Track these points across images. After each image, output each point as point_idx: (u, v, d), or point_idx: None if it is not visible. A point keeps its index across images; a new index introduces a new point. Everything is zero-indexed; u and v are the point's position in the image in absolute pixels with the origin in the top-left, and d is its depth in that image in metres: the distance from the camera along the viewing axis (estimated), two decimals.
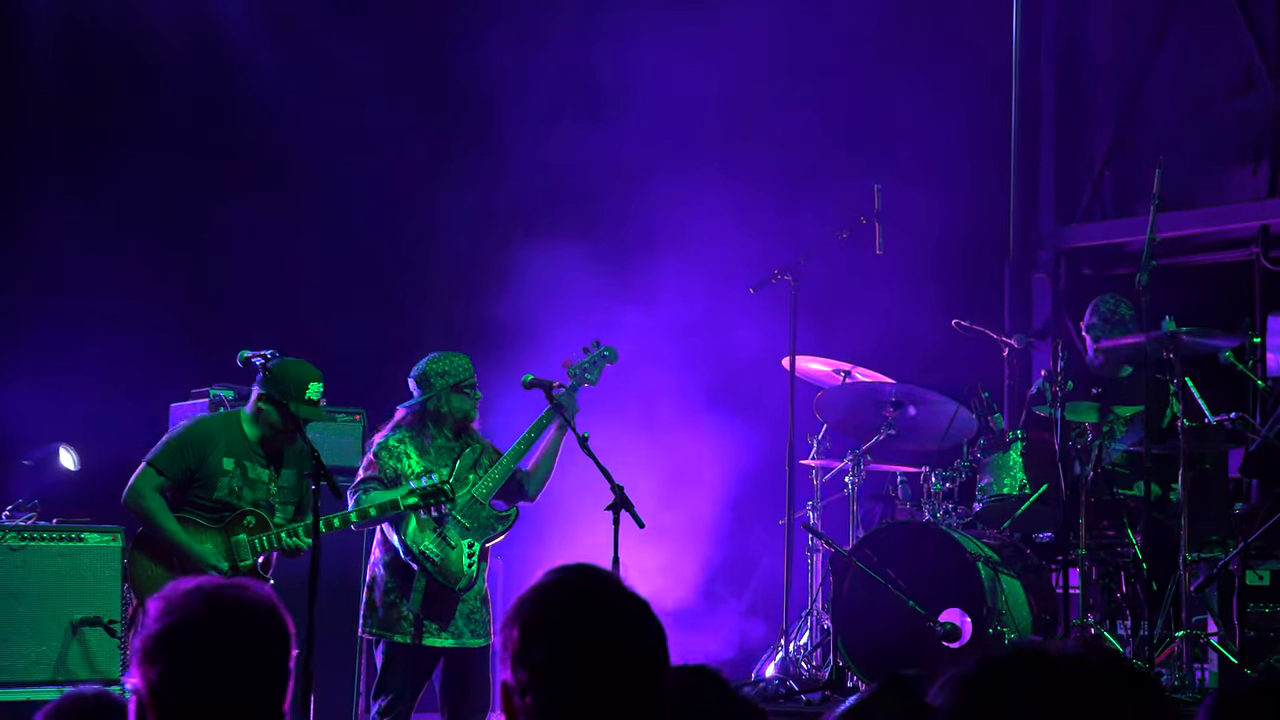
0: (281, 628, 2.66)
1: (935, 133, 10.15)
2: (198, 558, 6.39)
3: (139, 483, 6.48)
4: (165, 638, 2.59)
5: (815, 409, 8.69)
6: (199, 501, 6.50)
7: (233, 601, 2.64)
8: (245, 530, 6.49)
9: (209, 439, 6.53)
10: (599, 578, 2.36)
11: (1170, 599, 7.46)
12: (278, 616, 2.67)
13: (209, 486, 6.48)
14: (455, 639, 6.78)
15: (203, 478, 6.48)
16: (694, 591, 9.74)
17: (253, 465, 6.55)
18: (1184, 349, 7.54)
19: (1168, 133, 10.38)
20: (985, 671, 2.19)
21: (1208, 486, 7.67)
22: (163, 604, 2.63)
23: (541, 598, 2.33)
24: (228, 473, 6.50)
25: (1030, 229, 11.02)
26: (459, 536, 6.81)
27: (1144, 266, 7.61)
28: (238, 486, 6.51)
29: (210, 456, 6.49)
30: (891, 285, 9.69)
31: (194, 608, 2.61)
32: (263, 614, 2.65)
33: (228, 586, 2.68)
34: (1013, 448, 8.14)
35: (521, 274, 9.89)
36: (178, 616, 2.60)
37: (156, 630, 2.61)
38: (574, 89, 10.22)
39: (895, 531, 8.04)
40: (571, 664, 2.29)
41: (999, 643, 7.51)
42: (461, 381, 6.89)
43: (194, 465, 6.48)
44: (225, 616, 2.62)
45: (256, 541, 6.47)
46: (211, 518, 6.48)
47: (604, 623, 2.32)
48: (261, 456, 6.59)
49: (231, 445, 6.53)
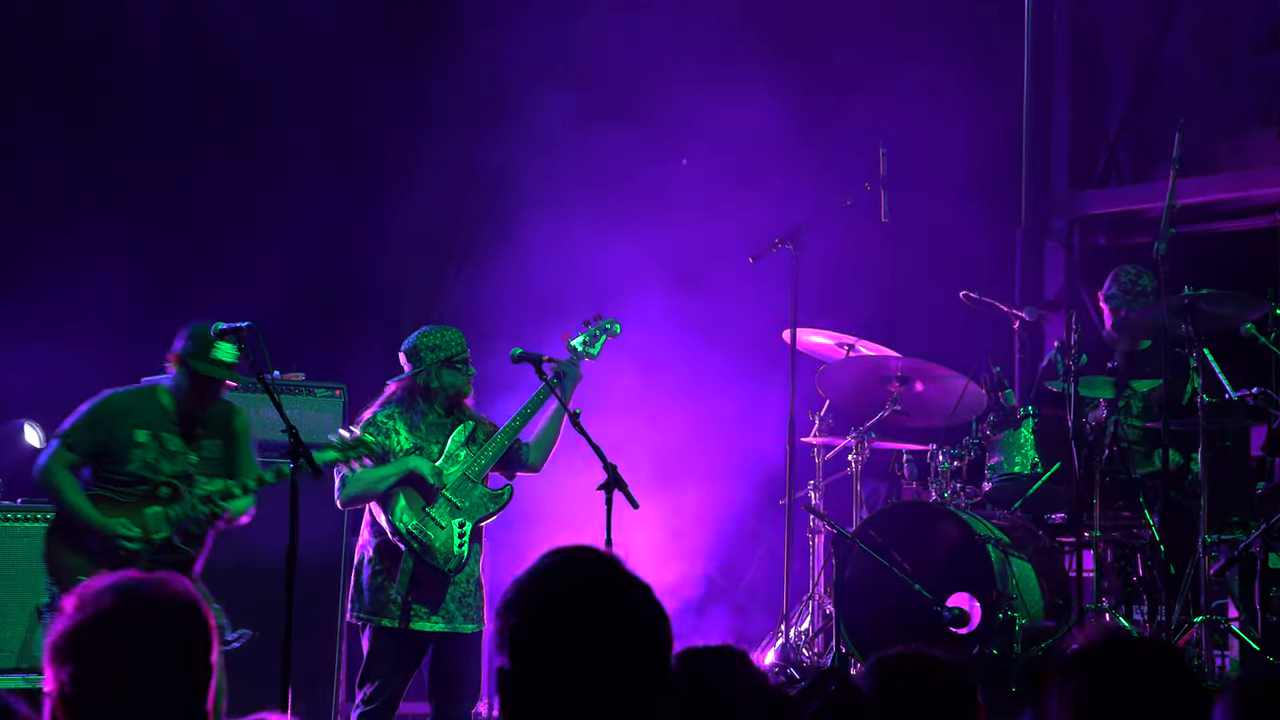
0: (200, 624, 2.62)
1: (944, 94, 10.11)
2: (107, 531, 6.34)
3: (50, 460, 6.44)
4: (76, 637, 2.55)
5: (817, 384, 8.67)
6: (113, 477, 6.45)
7: (147, 598, 2.59)
8: (159, 502, 6.44)
9: (120, 412, 6.49)
10: (600, 560, 2.37)
11: (1189, 583, 7.44)
12: (196, 612, 2.62)
13: (121, 460, 6.43)
14: (446, 623, 6.76)
15: (114, 452, 6.44)
16: (690, 575, 9.72)
17: (170, 436, 6.50)
18: (1203, 319, 7.51)
19: (1187, 94, 10.35)
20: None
21: (1228, 465, 7.64)
22: (75, 600, 2.59)
23: (541, 581, 2.33)
24: (141, 445, 6.45)
25: (1043, 195, 10.99)
26: (449, 516, 6.79)
27: (1162, 234, 7.58)
28: (153, 459, 6.46)
29: (120, 430, 6.45)
30: (897, 254, 9.65)
31: (106, 604, 2.57)
32: (180, 610, 2.61)
33: (144, 582, 2.63)
34: (1024, 424, 8.12)
35: (518, 244, 9.87)
36: (89, 613, 2.57)
37: (67, 628, 2.57)
38: (567, 55, 10.18)
39: (901, 512, 8.02)
40: (573, 648, 2.30)
41: (1009, 629, 7.49)
42: (453, 356, 6.88)
43: (104, 440, 6.44)
44: (139, 613, 2.57)
45: (170, 512, 6.42)
46: (126, 493, 6.43)
47: (607, 607, 2.33)
48: (179, 426, 6.53)
49: (145, 417, 6.49)
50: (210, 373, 6.44)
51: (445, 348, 6.88)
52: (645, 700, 2.33)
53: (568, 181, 9.89)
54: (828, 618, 8.23)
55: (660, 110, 9.96)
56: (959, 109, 10.16)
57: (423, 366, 6.86)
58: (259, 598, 6.71)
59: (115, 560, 6.29)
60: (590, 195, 9.79)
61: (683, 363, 9.64)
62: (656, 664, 2.35)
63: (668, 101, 10.00)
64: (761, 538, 10.07)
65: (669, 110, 9.97)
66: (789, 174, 9.77)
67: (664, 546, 9.43)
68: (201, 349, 6.43)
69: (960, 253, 10.07)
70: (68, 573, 6.31)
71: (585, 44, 10.03)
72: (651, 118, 9.88)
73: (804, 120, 9.88)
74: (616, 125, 9.75)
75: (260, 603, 6.72)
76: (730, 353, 9.72)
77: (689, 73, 10.01)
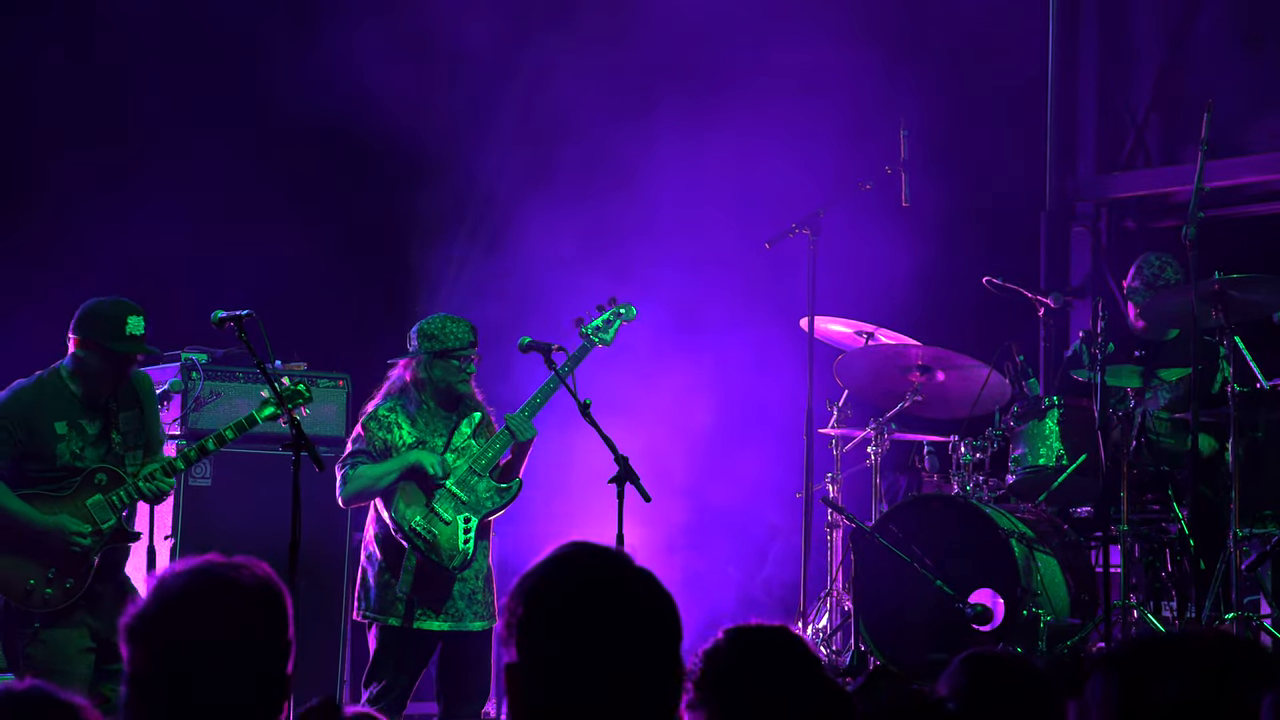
0: (279, 606, 2.63)
1: (967, 74, 10.09)
2: (55, 530, 6.31)
3: None
4: (148, 618, 2.57)
5: (835, 373, 8.67)
6: (42, 475, 6.40)
7: (225, 580, 2.60)
8: (98, 489, 6.43)
9: (31, 407, 6.41)
10: (608, 555, 2.40)
11: (1219, 578, 7.43)
12: (275, 594, 2.63)
13: (47, 456, 6.39)
14: (454, 622, 6.76)
15: (37, 449, 6.38)
16: (705, 570, 9.73)
17: (87, 422, 6.46)
18: (1234, 306, 7.50)
19: (1217, 73, 10.32)
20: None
21: (1260, 456, 7.62)
22: (155, 583, 2.61)
23: (549, 574, 2.35)
24: (62, 436, 6.41)
25: (1068, 178, 10.97)
26: (453, 512, 6.78)
27: (1191, 218, 7.56)
28: (79, 448, 6.43)
29: (38, 425, 6.39)
30: (918, 240, 9.64)
31: (181, 586, 2.58)
32: (257, 591, 2.61)
33: (223, 565, 2.62)
34: (1049, 415, 8.11)
35: (521, 230, 9.88)
36: (164, 595, 2.57)
37: (140, 610, 2.59)
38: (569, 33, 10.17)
39: (921, 506, 8.02)
40: (583, 644, 2.33)
41: (1033, 626, 7.50)
42: (450, 350, 6.83)
43: (23, 438, 6.37)
44: (213, 593, 2.58)
45: (114, 498, 6.42)
46: (59, 488, 6.38)
47: (615, 599, 2.36)
48: (92, 410, 6.50)
49: (58, 407, 6.43)
50: (128, 349, 6.39)
51: (442, 339, 6.84)
52: (655, 694, 2.34)
53: (585, 165, 9.90)
54: (846, 614, 8.24)
55: (679, 100, 9.96)
56: (982, 89, 10.14)
57: (417, 354, 6.85)
58: None
59: (67, 558, 6.30)
60: (607, 181, 9.81)
61: (696, 351, 9.65)
62: (666, 658, 2.37)
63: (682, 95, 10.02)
64: (778, 532, 10.08)
65: (688, 101, 9.98)
66: (807, 158, 9.77)
67: (677, 540, 9.45)
68: (114, 328, 6.37)
69: (983, 237, 10.06)
70: (15, 579, 6.29)
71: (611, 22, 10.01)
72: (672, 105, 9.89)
73: (825, 107, 9.88)
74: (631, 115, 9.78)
75: None
76: (746, 341, 9.73)
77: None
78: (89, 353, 6.42)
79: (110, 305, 6.43)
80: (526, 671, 2.33)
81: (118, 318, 6.39)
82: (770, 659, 2.76)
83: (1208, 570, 7.60)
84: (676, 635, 2.38)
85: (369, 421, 6.84)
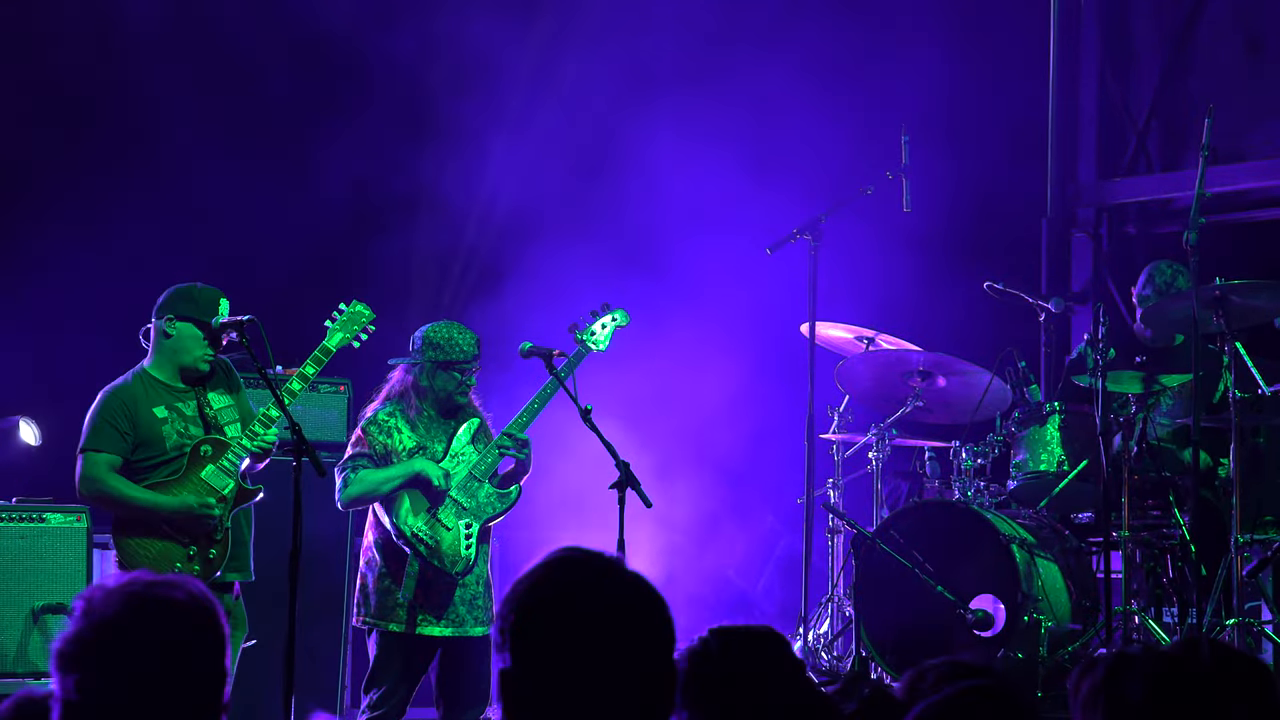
0: (214, 629, 2.60)
1: (967, 79, 10.12)
2: (183, 509, 6.42)
3: (88, 470, 6.48)
4: (80, 643, 2.54)
5: (836, 379, 8.69)
6: (155, 462, 6.51)
7: (159, 602, 2.58)
8: (207, 461, 6.51)
9: (128, 399, 6.54)
10: (599, 560, 2.41)
11: (1221, 584, 7.46)
12: (210, 615, 2.60)
13: (156, 441, 6.50)
14: (455, 627, 6.80)
15: (144, 436, 6.51)
16: (706, 576, 9.76)
17: (183, 403, 6.59)
18: (1235, 311, 7.52)
19: (1219, 79, 10.35)
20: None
21: (1261, 462, 7.65)
22: (83, 604, 2.57)
23: (540, 583, 2.37)
24: (164, 420, 6.53)
25: (1069, 183, 11.00)
26: (455, 517, 6.82)
27: (1192, 224, 7.58)
28: (183, 428, 6.55)
29: (139, 414, 6.52)
30: (919, 245, 9.67)
31: (113, 609, 2.55)
32: (194, 614, 2.59)
33: (156, 584, 2.60)
34: (1050, 421, 8.13)
35: (523, 236, 9.91)
36: (95, 619, 2.55)
37: (71, 634, 2.55)
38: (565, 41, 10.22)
39: (923, 511, 8.04)
40: (574, 649, 2.33)
41: (1034, 632, 7.53)
42: (453, 361, 6.87)
43: (129, 430, 6.50)
44: (149, 618, 2.55)
45: (224, 463, 6.51)
46: (172, 473, 6.50)
47: (608, 605, 2.36)
48: (184, 391, 6.61)
49: (152, 396, 6.56)
50: (223, 329, 6.53)
51: (447, 350, 6.88)
52: (649, 700, 2.36)
53: (585, 165, 9.94)
54: (847, 620, 8.27)
55: (679, 101, 10.00)
56: (983, 98, 10.17)
57: (419, 361, 6.90)
58: (261, 600, 6.76)
59: (203, 532, 6.42)
60: (607, 182, 9.84)
61: (698, 357, 9.68)
62: (660, 663, 2.38)
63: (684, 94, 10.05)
64: (779, 537, 10.11)
65: (686, 105, 10.01)
66: (809, 163, 9.80)
67: (678, 546, 9.47)
68: (209, 307, 6.53)
69: (984, 243, 10.08)
70: (160, 563, 6.39)
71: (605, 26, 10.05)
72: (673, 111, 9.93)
73: (825, 112, 9.91)
74: (631, 115, 9.80)
75: (263, 605, 6.77)
76: (747, 346, 9.76)
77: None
78: (185, 331, 6.54)
79: (202, 288, 6.59)
80: (519, 678, 2.35)
81: (212, 299, 6.56)
82: (753, 660, 2.78)
83: (1209, 576, 7.62)
84: (668, 640, 2.39)
85: (369, 425, 6.88)
